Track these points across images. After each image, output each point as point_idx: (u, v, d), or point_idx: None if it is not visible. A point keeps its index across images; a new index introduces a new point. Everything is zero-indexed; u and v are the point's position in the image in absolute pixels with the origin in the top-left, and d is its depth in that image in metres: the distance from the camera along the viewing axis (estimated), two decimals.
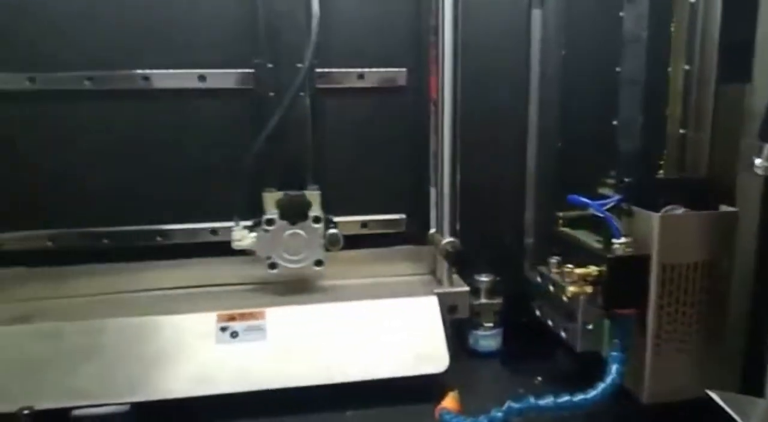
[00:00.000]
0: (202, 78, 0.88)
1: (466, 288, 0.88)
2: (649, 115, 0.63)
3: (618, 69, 0.84)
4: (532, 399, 0.60)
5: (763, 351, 0.65)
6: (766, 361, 0.63)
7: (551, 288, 0.85)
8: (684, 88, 0.67)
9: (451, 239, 0.86)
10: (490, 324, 0.92)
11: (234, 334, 0.78)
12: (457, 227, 0.89)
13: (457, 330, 0.90)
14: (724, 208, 0.65)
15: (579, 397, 0.60)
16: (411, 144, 0.94)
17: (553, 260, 0.86)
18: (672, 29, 0.66)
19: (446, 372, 0.78)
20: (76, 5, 0.84)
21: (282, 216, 0.80)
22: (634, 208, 0.65)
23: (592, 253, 0.79)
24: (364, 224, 0.95)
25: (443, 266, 0.88)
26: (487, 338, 0.92)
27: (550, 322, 0.86)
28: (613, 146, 0.86)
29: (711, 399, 0.61)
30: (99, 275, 0.88)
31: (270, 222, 0.80)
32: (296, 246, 0.81)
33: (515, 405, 0.60)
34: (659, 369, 0.65)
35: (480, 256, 0.93)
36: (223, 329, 0.78)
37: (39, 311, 0.80)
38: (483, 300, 0.91)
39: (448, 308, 0.85)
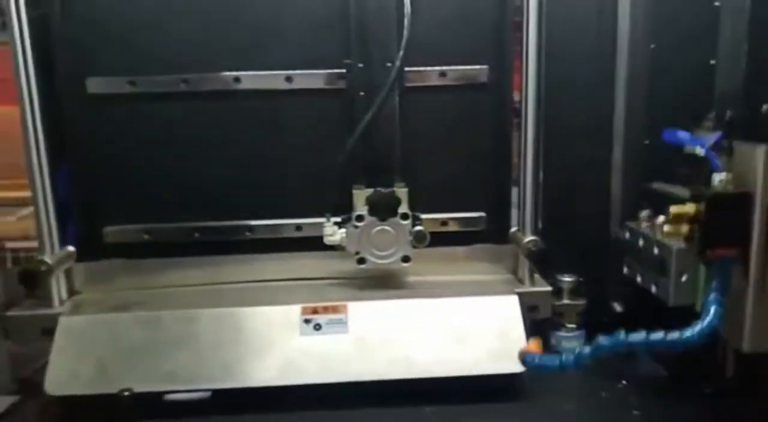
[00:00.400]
0: (288, 79, 0.90)
1: (548, 288, 0.86)
2: (755, 45, 0.59)
3: (712, 61, 0.80)
4: (622, 335, 0.59)
5: None
6: None
7: (641, 242, 0.81)
8: None
9: (533, 237, 0.85)
10: (573, 325, 0.90)
11: (317, 326, 0.80)
12: (540, 226, 0.88)
13: (538, 332, 0.89)
14: None
15: (674, 335, 0.57)
16: (492, 142, 0.94)
17: (644, 213, 0.82)
18: None
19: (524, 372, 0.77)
20: (169, 9, 0.89)
21: (371, 213, 0.82)
22: (736, 144, 0.61)
23: (680, 201, 0.75)
24: (444, 222, 0.95)
25: (525, 265, 0.87)
26: (569, 339, 0.90)
27: (639, 278, 0.82)
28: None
29: None
30: (192, 267, 0.93)
31: (360, 218, 0.82)
32: (384, 242, 0.83)
33: (604, 342, 0.59)
34: (762, 315, 0.61)
35: (563, 256, 0.91)
36: (307, 321, 0.81)
37: (137, 300, 0.85)
38: (565, 301, 0.90)
39: (528, 308, 0.84)
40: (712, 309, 0.59)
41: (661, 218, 0.75)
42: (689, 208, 0.61)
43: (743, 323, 0.61)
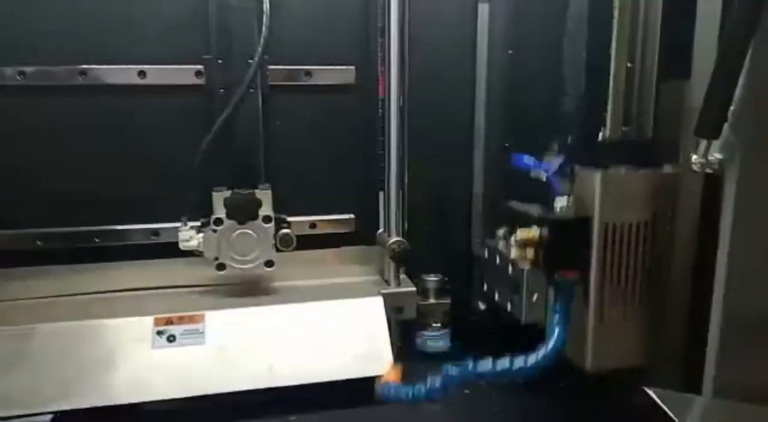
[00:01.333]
0: (142, 74, 0.85)
1: (413, 289, 0.87)
2: (592, 77, 0.63)
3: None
4: (470, 365, 0.59)
5: (702, 327, 0.65)
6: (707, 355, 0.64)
7: (497, 260, 0.84)
8: (626, 85, 0.66)
9: (398, 238, 0.85)
10: (438, 325, 0.91)
11: (171, 338, 0.75)
12: (405, 226, 0.88)
13: (406, 332, 0.89)
14: (667, 167, 0.64)
15: (520, 362, 0.59)
16: (360, 143, 0.93)
17: (500, 232, 0.85)
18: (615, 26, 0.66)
19: None
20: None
21: (230, 216, 0.78)
22: (577, 168, 0.64)
23: (530, 220, 0.78)
24: (312, 224, 0.93)
25: (390, 266, 0.86)
26: (435, 339, 0.91)
27: (497, 295, 0.85)
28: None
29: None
30: (33, 278, 0.85)
31: (218, 221, 0.78)
32: (246, 247, 0.79)
33: (453, 373, 0.59)
34: (602, 335, 0.64)
35: (429, 256, 0.92)
36: (160, 333, 0.76)
37: None
38: (431, 301, 0.90)
39: (394, 309, 0.83)
40: (556, 332, 0.62)
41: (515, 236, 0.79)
42: (534, 232, 0.63)
43: (585, 344, 0.64)
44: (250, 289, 0.84)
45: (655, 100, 0.67)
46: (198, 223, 0.81)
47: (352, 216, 0.95)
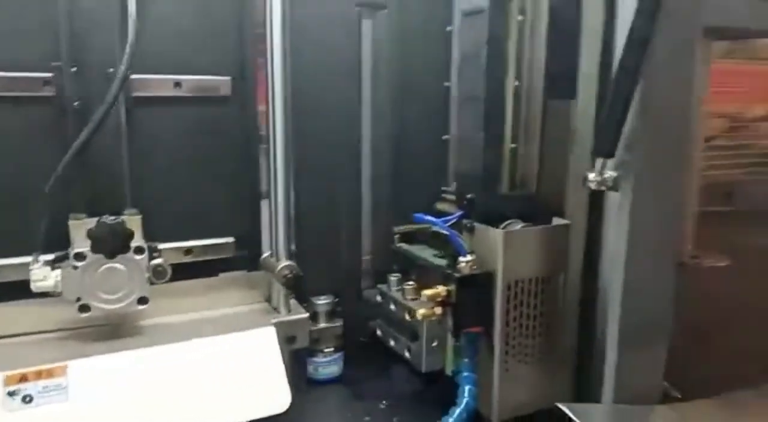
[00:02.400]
0: None
1: (306, 315, 0.81)
2: (489, 133, 0.63)
3: (447, 83, 0.85)
4: None
5: (589, 359, 0.69)
6: (597, 369, 0.67)
7: (392, 307, 0.83)
8: (514, 104, 0.68)
9: (288, 262, 0.79)
10: (330, 349, 0.87)
11: (27, 398, 0.63)
12: (293, 249, 0.83)
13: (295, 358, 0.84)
14: (556, 220, 0.67)
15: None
16: (238, 161, 0.86)
17: (393, 277, 0.85)
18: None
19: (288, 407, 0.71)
20: None
21: (96, 249, 0.66)
22: (476, 225, 0.64)
23: (432, 270, 0.78)
24: (188, 251, 0.84)
25: (280, 292, 0.81)
26: (327, 365, 0.87)
27: (392, 342, 0.84)
28: (444, 161, 0.87)
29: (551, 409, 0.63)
30: None
31: (80, 256, 0.66)
32: (114, 284, 0.68)
33: None
34: (507, 385, 0.65)
35: (316, 279, 0.87)
36: (12, 393, 0.63)
37: None
38: (322, 325, 0.86)
39: (286, 339, 0.78)
40: (467, 390, 0.63)
41: (410, 283, 0.81)
42: (441, 290, 0.64)
43: (491, 395, 0.65)
44: (119, 330, 0.73)
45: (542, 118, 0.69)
46: (50, 258, 0.69)
47: (231, 239, 0.87)
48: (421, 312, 0.64)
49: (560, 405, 0.59)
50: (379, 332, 0.87)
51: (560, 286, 0.66)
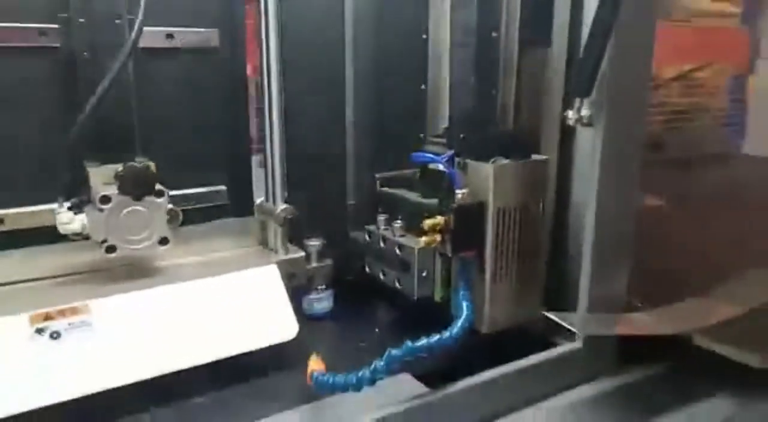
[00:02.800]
0: None
1: (302, 254, 0.88)
2: (480, 78, 0.70)
3: (424, 36, 0.92)
4: (409, 343, 0.64)
5: (558, 277, 0.79)
6: (566, 286, 0.77)
7: (382, 244, 0.90)
8: (497, 52, 0.75)
9: (286, 206, 0.85)
10: (323, 287, 0.93)
11: (55, 335, 0.67)
12: (286, 194, 0.88)
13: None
14: (535, 156, 0.75)
15: (446, 335, 0.65)
16: (229, 111, 0.89)
17: (381, 217, 0.92)
18: None
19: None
20: None
21: (125, 192, 0.70)
22: (468, 161, 0.72)
23: (418, 207, 0.86)
24: (185, 198, 0.88)
25: (278, 234, 0.86)
26: (321, 301, 0.93)
27: (381, 276, 0.91)
28: (423, 110, 0.93)
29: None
30: None
31: (105, 199, 0.69)
32: (137, 225, 0.72)
33: (396, 353, 0.63)
34: (495, 301, 0.74)
35: (306, 223, 0.93)
36: (40, 331, 0.67)
37: None
38: (314, 264, 0.92)
39: (287, 275, 0.84)
40: (465, 306, 0.69)
41: (398, 222, 0.87)
42: (440, 220, 0.71)
43: (482, 309, 0.73)
44: (134, 272, 0.77)
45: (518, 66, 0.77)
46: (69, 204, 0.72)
47: (224, 187, 0.92)
48: (423, 239, 0.71)
49: (548, 314, 0.68)
50: (367, 269, 0.94)
51: (539, 213, 0.75)
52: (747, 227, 1.26)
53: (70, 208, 0.70)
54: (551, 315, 0.69)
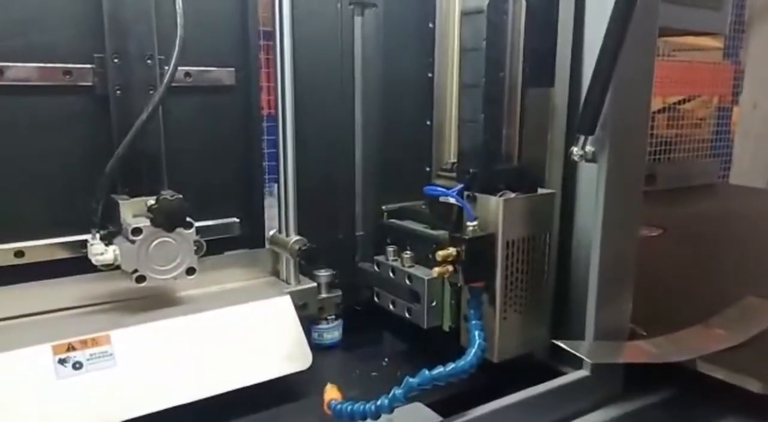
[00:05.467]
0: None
1: (314, 284, 0.90)
2: (489, 116, 0.73)
3: (429, 75, 0.96)
4: (426, 373, 0.66)
5: (562, 306, 0.82)
6: (572, 314, 0.80)
7: (391, 274, 0.92)
8: (503, 91, 0.79)
9: (299, 237, 0.87)
10: (332, 317, 0.95)
11: (77, 365, 0.69)
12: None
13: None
14: (541, 190, 0.79)
15: (460, 364, 0.67)
16: (242, 146, 0.92)
17: (390, 248, 0.94)
18: None
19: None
20: None
21: (157, 224, 0.73)
22: (479, 196, 0.75)
23: (427, 239, 0.88)
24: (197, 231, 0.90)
25: (290, 265, 0.89)
26: (330, 330, 0.95)
27: (391, 306, 0.93)
28: (429, 145, 0.97)
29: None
30: None
31: (137, 231, 0.72)
32: (167, 255, 0.74)
33: (413, 381, 0.65)
34: (505, 330, 0.76)
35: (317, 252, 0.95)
36: (62, 361, 0.68)
37: None
38: (324, 295, 0.94)
39: (299, 306, 0.86)
40: (477, 334, 0.71)
41: (407, 253, 0.90)
42: (452, 251, 0.73)
43: (492, 338, 0.75)
44: (151, 303, 0.79)
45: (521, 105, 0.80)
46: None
47: (236, 219, 0.94)
48: (436, 270, 0.73)
49: (558, 343, 0.71)
50: (376, 299, 0.96)
51: (546, 244, 0.78)
52: (740, 255, 1.30)
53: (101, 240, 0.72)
54: (561, 344, 0.72)
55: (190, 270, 0.76)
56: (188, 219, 0.75)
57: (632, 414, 0.79)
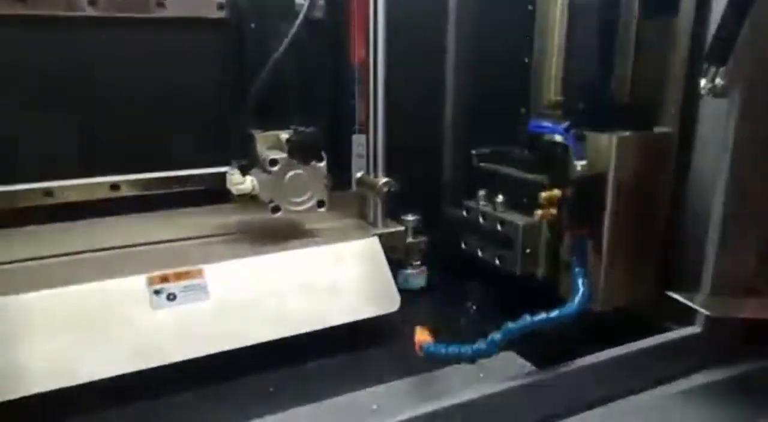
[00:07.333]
0: (160, 4, 0.76)
1: (402, 228, 0.87)
2: (602, 47, 0.67)
3: (530, 7, 0.88)
4: (528, 318, 0.62)
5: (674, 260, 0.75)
6: (685, 264, 0.74)
7: (482, 220, 0.88)
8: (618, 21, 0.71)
9: (387, 179, 0.84)
10: (418, 262, 0.93)
11: (171, 297, 0.69)
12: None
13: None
14: (657, 128, 0.72)
15: (566, 310, 0.63)
16: (331, 85, 0.90)
17: (481, 193, 0.89)
18: None
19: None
20: None
21: (292, 155, 0.74)
22: (587, 132, 0.69)
23: (522, 183, 0.83)
24: None
25: (378, 208, 0.86)
26: (416, 276, 0.93)
27: (480, 252, 0.89)
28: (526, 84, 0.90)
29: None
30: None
31: (273, 162, 0.73)
32: (300, 187, 0.76)
33: (513, 327, 0.61)
34: (610, 278, 0.71)
35: (402, 197, 0.92)
36: (158, 292, 0.69)
37: None
38: (410, 240, 0.92)
39: (388, 248, 0.83)
40: (580, 282, 0.66)
41: (500, 198, 0.84)
42: (557, 193, 0.68)
43: (596, 286, 0.70)
44: (244, 239, 0.79)
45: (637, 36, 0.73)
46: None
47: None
48: (539, 213, 0.69)
49: (672, 294, 0.65)
50: (463, 245, 0.92)
51: (659, 188, 0.71)
52: None
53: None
54: (675, 295, 0.66)
55: (321, 203, 0.77)
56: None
57: (739, 378, 0.72)
